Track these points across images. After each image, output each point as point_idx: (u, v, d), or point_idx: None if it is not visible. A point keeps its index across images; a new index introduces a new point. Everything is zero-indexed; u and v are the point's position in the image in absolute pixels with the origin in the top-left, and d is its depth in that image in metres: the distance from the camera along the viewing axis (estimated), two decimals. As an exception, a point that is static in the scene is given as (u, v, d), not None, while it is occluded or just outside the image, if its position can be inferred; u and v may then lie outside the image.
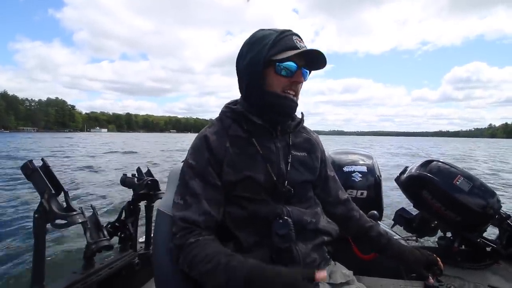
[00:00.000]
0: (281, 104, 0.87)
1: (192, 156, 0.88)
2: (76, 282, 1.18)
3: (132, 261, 1.48)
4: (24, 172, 1.10)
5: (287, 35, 0.86)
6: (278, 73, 0.85)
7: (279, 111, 0.88)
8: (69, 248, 3.52)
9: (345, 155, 1.86)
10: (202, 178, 0.84)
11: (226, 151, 0.86)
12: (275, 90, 0.86)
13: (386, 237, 1.04)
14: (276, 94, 0.86)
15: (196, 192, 0.83)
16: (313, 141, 1.01)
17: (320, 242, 0.92)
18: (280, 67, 0.85)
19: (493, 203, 1.47)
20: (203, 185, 0.83)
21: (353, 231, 1.06)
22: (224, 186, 0.85)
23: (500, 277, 1.43)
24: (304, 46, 0.86)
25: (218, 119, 0.95)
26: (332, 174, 1.07)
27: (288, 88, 0.86)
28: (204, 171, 0.84)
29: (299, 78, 0.86)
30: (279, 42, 0.85)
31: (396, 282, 1.24)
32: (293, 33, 0.87)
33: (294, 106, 0.89)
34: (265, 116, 0.89)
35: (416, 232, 1.74)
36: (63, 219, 1.07)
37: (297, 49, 0.84)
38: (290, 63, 0.84)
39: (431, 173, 1.57)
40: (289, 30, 0.88)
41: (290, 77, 0.86)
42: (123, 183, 1.59)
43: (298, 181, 0.91)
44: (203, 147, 0.87)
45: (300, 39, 0.87)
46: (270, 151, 0.90)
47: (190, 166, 0.86)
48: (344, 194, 1.08)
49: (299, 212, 0.88)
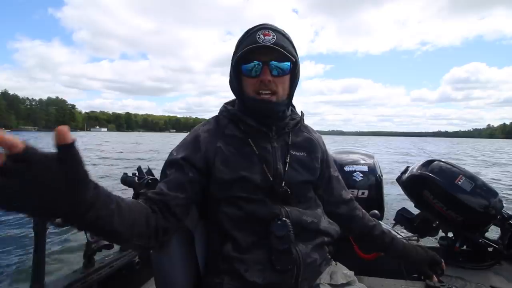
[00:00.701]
0: (257, 107, 0.86)
1: (177, 148, 0.88)
2: (77, 281, 1.18)
3: (132, 260, 1.48)
4: None
5: (251, 33, 0.83)
6: (246, 75, 0.85)
7: (260, 114, 0.87)
8: (69, 247, 3.52)
9: (346, 155, 1.86)
10: (177, 168, 0.84)
11: (216, 150, 0.85)
12: (248, 93, 0.86)
13: (390, 235, 1.03)
14: (251, 98, 0.86)
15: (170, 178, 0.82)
16: (314, 141, 0.99)
17: (321, 242, 0.91)
18: (245, 68, 0.84)
19: (495, 203, 1.46)
20: (174, 171, 0.83)
21: (356, 230, 1.05)
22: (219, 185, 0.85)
23: (502, 277, 1.42)
24: (272, 39, 0.81)
25: (214, 118, 0.95)
26: (336, 174, 1.05)
27: (259, 88, 0.84)
28: (180, 163, 0.84)
29: (264, 76, 0.82)
30: (244, 42, 0.84)
31: (398, 282, 1.23)
32: (260, 27, 0.84)
33: (270, 107, 0.86)
34: (256, 118, 0.88)
35: (417, 232, 1.73)
36: (64, 218, 1.07)
37: (256, 44, 0.80)
38: (253, 63, 0.82)
39: (432, 173, 1.56)
40: (260, 25, 0.85)
41: (257, 77, 0.83)
42: (123, 182, 1.59)
43: (297, 181, 0.90)
44: (191, 143, 0.87)
45: (269, 31, 0.83)
46: (266, 151, 0.88)
47: (171, 157, 0.86)
48: (347, 194, 1.07)
49: (298, 213, 0.87)
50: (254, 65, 0.82)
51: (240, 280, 0.81)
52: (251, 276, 0.80)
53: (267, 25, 0.85)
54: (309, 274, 0.86)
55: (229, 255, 0.83)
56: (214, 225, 0.88)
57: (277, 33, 0.83)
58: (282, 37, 0.84)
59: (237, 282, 0.82)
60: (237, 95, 0.91)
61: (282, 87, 0.86)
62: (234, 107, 0.93)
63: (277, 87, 0.85)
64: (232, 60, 0.87)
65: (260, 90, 0.84)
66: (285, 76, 0.86)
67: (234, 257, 0.82)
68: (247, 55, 0.82)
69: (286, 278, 0.82)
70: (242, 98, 0.89)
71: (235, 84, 0.89)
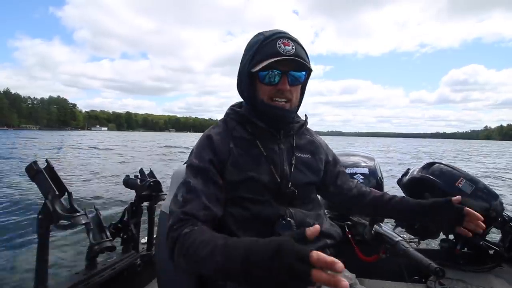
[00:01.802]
0: (271, 113, 0.87)
1: (195, 155, 0.88)
2: (79, 282, 1.18)
3: (134, 262, 1.48)
4: (29, 173, 1.10)
5: (271, 40, 0.84)
6: (263, 82, 0.85)
7: (272, 119, 0.89)
8: (72, 249, 3.53)
9: (347, 157, 1.86)
10: (203, 176, 0.84)
11: (229, 152, 0.86)
12: (263, 98, 0.87)
13: (398, 197, 1.01)
14: (264, 103, 0.87)
15: (197, 189, 0.82)
16: (317, 143, 1.02)
17: (323, 245, 0.92)
18: (264, 76, 0.84)
19: (496, 205, 1.47)
20: (204, 182, 0.83)
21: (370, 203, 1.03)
22: (227, 186, 0.85)
23: (503, 280, 1.43)
24: (291, 49, 0.83)
25: (222, 121, 0.96)
26: (342, 168, 1.08)
27: (275, 96, 0.85)
28: (206, 169, 0.84)
29: (283, 86, 0.84)
30: (262, 49, 0.84)
31: (399, 285, 1.24)
32: (279, 36, 0.84)
33: (284, 114, 0.87)
34: (266, 121, 0.90)
35: (418, 234, 1.73)
36: (67, 220, 1.08)
37: (279, 55, 0.81)
38: (272, 71, 0.83)
39: (433, 175, 1.56)
40: (279, 32, 0.86)
41: (275, 85, 0.85)
42: (126, 184, 1.60)
43: (302, 182, 0.91)
44: (207, 147, 0.88)
45: (288, 41, 0.84)
46: (274, 152, 0.90)
47: (193, 164, 0.86)
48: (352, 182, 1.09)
49: (302, 214, 0.88)
50: (273, 73, 0.83)
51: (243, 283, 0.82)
52: None
53: (285, 34, 0.86)
54: None
55: None
56: (219, 226, 0.87)
57: (295, 43, 0.85)
58: (299, 47, 0.85)
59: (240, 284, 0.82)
60: (247, 99, 0.92)
61: (295, 95, 0.89)
62: (241, 109, 0.94)
63: (291, 95, 0.87)
64: (244, 64, 0.87)
65: (275, 98, 0.86)
66: (299, 85, 0.89)
67: None
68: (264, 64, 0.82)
69: None
70: (253, 103, 0.90)
71: (247, 88, 0.89)
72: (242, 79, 0.90)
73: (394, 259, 1.21)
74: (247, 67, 0.86)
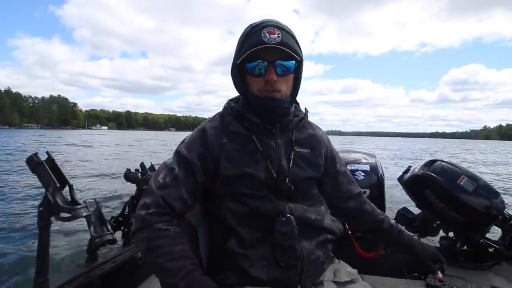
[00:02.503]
0: (262, 105, 0.85)
1: (186, 145, 0.88)
2: (80, 275, 1.18)
3: (135, 255, 1.49)
4: (29, 165, 1.10)
5: (255, 31, 0.82)
6: (251, 74, 0.85)
7: (266, 111, 0.87)
8: (73, 242, 3.54)
9: (348, 154, 1.86)
10: (187, 168, 0.84)
11: (221, 147, 0.86)
12: (253, 91, 0.86)
13: (398, 228, 1.04)
14: (255, 95, 0.86)
15: (178, 177, 0.82)
16: (318, 137, 0.99)
17: (324, 240, 0.91)
18: (250, 68, 0.83)
19: (497, 203, 1.47)
20: (185, 174, 0.83)
21: (366, 224, 1.05)
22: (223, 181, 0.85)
23: (502, 278, 1.43)
24: (277, 37, 0.80)
25: (219, 115, 0.95)
26: (343, 169, 1.05)
27: (264, 87, 0.84)
28: (192, 163, 0.84)
29: (269, 76, 0.82)
30: (248, 40, 0.82)
31: (398, 281, 1.24)
32: (265, 25, 0.82)
33: (275, 103, 0.85)
34: (260, 115, 0.88)
35: (418, 231, 1.73)
36: (68, 213, 1.08)
37: (262, 43, 0.79)
38: (258, 61, 0.82)
39: (434, 173, 1.56)
40: (264, 22, 0.84)
41: (263, 76, 0.83)
42: (126, 178, 1.60)
43: (300, 178, 0.90)
44: (199, 139, 0.87)
45: (274, 29, 0.81)
46: (270, 148, 0.88)
47: (181, 153, 0.86)
48: (356, 188, 1.06)
49: (302, 210, 0.87)
50: (259, 63, 0.82)
51: (244, 276, 0.81)
52: (255, 272, 0.81)
53: (271, 22, 0.83)
54: (312, 271, 0.86)
55: (233, 251, 0.83)
56: (218, 221, 0.88)
57: (282, 31, 0.82)
58: (287, 35, 0.83)
59: (241, 278, 0.82)
60: (241, 93, 0.91)
61: (286, 85, 0.86)
62: (238, 104, 0.93)
63: (281, 86, 0.85)
64: (234, 57, 0.87)
65: (264, 89, 0.84)
66: (289, 75, 0.86)
67: (238, 253, 0.82)
68: (252, 54, 0.81)
69: (290, 274, 0.82)
70: (246, 96, 0.89)
71: (239, 82, 0.88)
72: (232, 73, 0.89)
73: (394, 256, 1.21)
74: (235, 59, 0.85)
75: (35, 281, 1.05)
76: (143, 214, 0.78)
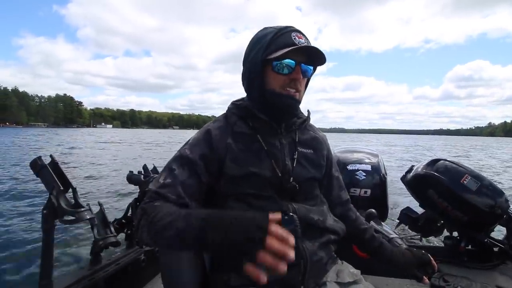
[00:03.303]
0: (280, 102, 0.87)
1: (189, 146, 0.88)
2: (84, 277, 1.19)
3: (138, 257, 1.50)
4: (33, 169, 1.11)
5: (285, 32, 0.85)
6: (276, 71, 0.86)
7: (280, 109, 0.88)
8: (77, 244, 3.57)
9: (351, 154, 1.85)
10: (189, 167, 0.84)
11: (227, 147, 0.86)
12: (274, 88, 0.87)
13: (379, 240, 1.03)
14: (275, 92, 0.87)
15: (177, 177, 0.82)
16: (320, 139, 1.01)
17: (327, 240, 0.91)
18: (277, 65, 0.85)
19: (501, 202, 1.45)
20: (187, 174, 0.83)
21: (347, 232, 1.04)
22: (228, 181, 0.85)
23: (507, 277, 1.41)
24: (304, 42, 0.85)
25: (224, 116, 0.95)
26: (337, 174, 1.06)
27: (287, 85, 0.86)
28: (194, 163, 0.84)
29: (297, 75, 0.85)
30: (277, 40, 0.85)
31: (402, 282, 1.23)
32: (292, 29, 0.86)
33: (293, 103, 0.88)
34: (269, 113, 0.89)
35: (421, 231, 1.73)
36: (71, 215, 1.08)
37: (294, 45, 0.83)
38: (287, 60, 0.84)
39: (438, 172, 1.55)
40: (290, 26, 0.88)
41: (288, 75, 0.85)
42: (129, 180, 1.61)
43: (304, 178, 0.90)
44: (204, 140, 0.87)
45: (301, 35, 0.86)
46: (275, 147, 0.89)
47: (183, 154, 0.86)
48: (346, 195, 1.07)
49: (306, 210, 0.87)
50: (289, 63, 0.84)
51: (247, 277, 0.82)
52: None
53: (296, 28, 0.87)
54: (315, 272, 0.86)
55: None
56: None
57: (306, 38, 0.87)
58: (309, 42, 0.87)
59: (244, 278, 0.82)
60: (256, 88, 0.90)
61: (303, 87, 0.90)
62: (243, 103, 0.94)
63: (301, 87, 0.88)
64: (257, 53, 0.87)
65: (287, 87, 0.86)
66: (306, 78, 0.90)
67: None
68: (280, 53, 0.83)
69: (293, 274, 0.82)
70: (261, 92, 0.89)
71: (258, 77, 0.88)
72: (251, 68, 0.89)
73: None
74: (261, 55, 0.86)
75: (39, 283, 1.06)
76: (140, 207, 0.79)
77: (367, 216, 1.37)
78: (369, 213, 1.39)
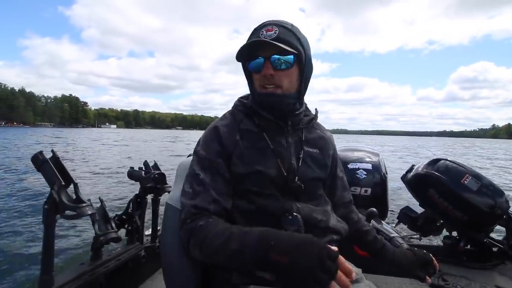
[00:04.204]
0: (264, 101, 0.87)
1: (202, 147, 0.88)
2: (84, 273, 1.20)
3: (139, 253, 1.50)
4: (34, 163, 1.11)
5: (256, 30, 0.85)
6: (252, 71, 0.87)
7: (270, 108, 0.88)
8: (77, 240, 3.59)
9: (351, 152, 1.85)
10: (211, 168, 0.84)
11: (235, 144, 0.86)
12: (256, 88, 0.88)
13: (381, 242, 1.03)
14: (258, 93, 0.87)
15: (205, 181, 0.82)
16: (327, 139, 1.00)
17: (330, 240, 0.90)
18: (252, 66, 0.86)
19: (501, 203, 1.45)
20: (212, 176, 0.83)
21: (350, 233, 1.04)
22: (233, 178, 0.85)
23: (506, 277, 1.41)
24: (274, 34, 0.81)
25: (230, 113, 0.95)
26: (341, 175, 1.05)
27: (264, 83, 0.85)
28: (214, 162, 0.84)
29: (267, 70, 0.83)
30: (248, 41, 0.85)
31: (402, 281, 1.23)
32: (265, 24, 0.85)
33: (276, 100, 0.85)
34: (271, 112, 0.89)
35: (421, 231, 1.72)
36: (73, 211, 1.09)
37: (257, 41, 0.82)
38: (257, 59, 0.84)
39: (438, 172, 1.55)
40: (266, 22, 0.86)
41: (260, 72, 0.85)
42: (130, 176, 1.61)
43: (309, 177, 0.90)
44: (214, 138, 0.87)
45: (272, 26, 0.83)
46: (281, 146, 0.89)
47: (200, 156, 0.86)
48: (349, 196, 1.07)
49: (309, 210, 0.87)
50: (257, 60, 0.84)
51: (248, 275, 0.81)
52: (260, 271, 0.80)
53: (272, 21, 0.85)
54: None
55: None
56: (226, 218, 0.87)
57: (280, 28, 0.83)
58: (285, 31, 0.83)
59: (245, 277, 0.81)
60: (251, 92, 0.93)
61: (288, 80, 0.86)
62: (248, 101, 0.94)
63: (281, 81, 0.84)
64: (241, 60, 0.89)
65: (265, 85, 0.85)
66: (290, 69, 0.85)
67: None
68: (252, 52, 0.83)
69: None
70: (253, 94, 0.91)
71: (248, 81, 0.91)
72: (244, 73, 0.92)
73: None
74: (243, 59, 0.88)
75: (40, 278, 1.06)
76: (184, 228, 0.79)
77: (368, 215, 1.37)
78: (370, 212, 1.39)
